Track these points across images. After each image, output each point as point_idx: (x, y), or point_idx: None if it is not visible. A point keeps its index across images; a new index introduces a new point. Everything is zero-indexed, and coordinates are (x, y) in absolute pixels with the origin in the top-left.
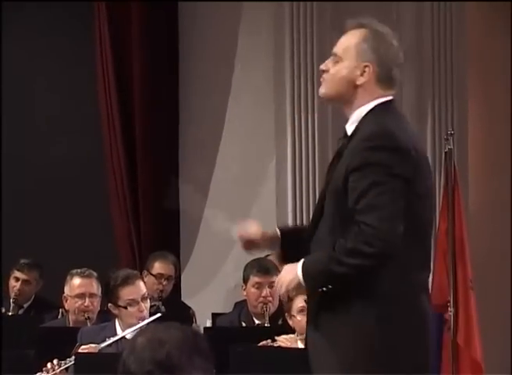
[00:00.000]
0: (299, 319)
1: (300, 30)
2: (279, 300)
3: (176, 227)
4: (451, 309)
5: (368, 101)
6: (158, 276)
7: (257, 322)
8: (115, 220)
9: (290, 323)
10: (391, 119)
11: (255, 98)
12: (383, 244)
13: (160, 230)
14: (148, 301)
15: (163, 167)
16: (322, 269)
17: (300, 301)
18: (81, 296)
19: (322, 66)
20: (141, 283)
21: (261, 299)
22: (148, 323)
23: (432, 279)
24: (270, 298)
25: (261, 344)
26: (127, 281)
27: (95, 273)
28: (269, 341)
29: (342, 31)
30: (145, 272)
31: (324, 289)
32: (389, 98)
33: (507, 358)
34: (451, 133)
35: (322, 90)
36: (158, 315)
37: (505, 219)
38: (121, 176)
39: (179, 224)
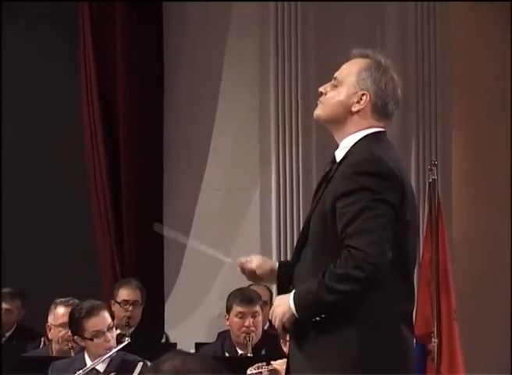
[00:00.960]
0: None
1: (285, 61)
2: (263, 330)
3: (160, 256)
4: (435, 340)
5: (361, 129)
6: (123, 303)
7: (240, 352)
8: (99, 247)
9: (285, 349)
10: (381, 147)
11: (240, 128)
12: (373, 268)
13: (144, 257)
14: (114, 330)
15: (147, 199)
16: (314, 298)
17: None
18: (65, 325)
19: (321, 89)
20: (106, 314)
21: (244, 329)
22: (117, 351)
23: (416, 309)
24: (253, 328)
25: (255, 366)
26: (92, 312)
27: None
28: (264, 363)
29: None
30: (112, 301)
31: (317, 319)
32: (382, 129)
33: None
34: (435, 164)
35: (318, 111)
36: (126, 342)
37: (489, 249)
38: (104, 201)
39: (163, 253)
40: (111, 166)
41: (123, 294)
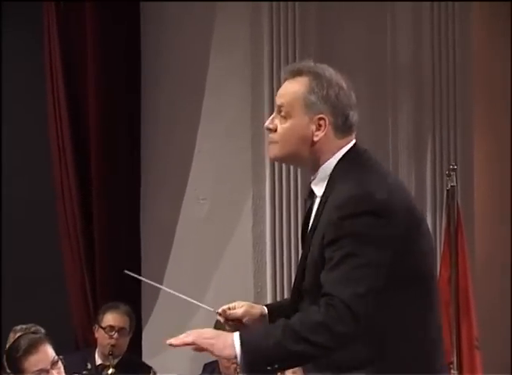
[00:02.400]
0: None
1: (281, 51)
2: None
3: (137, 273)
4: (454, 372)
5: (330, 156)
6: (109, 329)
7: None
8: (66, 270)
9: None
10: (364, 172)
11: (229, 127)
12: (356, 324)
13: (118, 280)
14: (60, 364)
15: (121, 211)
16: (273, 344)
17: None
18: None
19: (268, 125)
20: (47, 348)
21: (234, 364)
22: None
23: None
24: None
25: None
26: (29, 350)
27: (43, 330)
28: None
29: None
30: (96, 326)
31: (269, 368)
32: (352, 143)
33: None
34: (454, 168)
35: (274, 152)
36: None
37: None
38: (74, 222)
39: (141, 274)
40: (80, 170)
41: (109, 318)
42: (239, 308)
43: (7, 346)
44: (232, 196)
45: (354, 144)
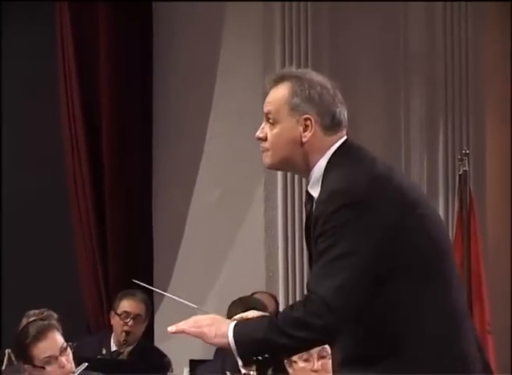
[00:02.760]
0: (300, 367)
1: (293, 35)
2: None
3: (149, 261)
4: None
5: (321, 156)
6: (124, 315)
7: (243, 371)
8: (79, 258)
9: (290, 371)
10: (349, 165)
11: (240, 112)
12: (333, 317)
13: (130, 267)
14: (69, 351)
15: (134, 197)
16: (261, 337)
17: None
18: None
19: (259, 134)
20: (55, 335)
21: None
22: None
23: None
24: None
25: None
26: (38, 337)
27: (55, 315)
28: None
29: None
30: (112, 313)
31: (260, 358)
32: (342, 140)
33: None
34: (466, 153)
35: (267, 160)
36: (84, 365)
37: None
38: (86, 209)
39: (153, 258)
40: (93, 161)
41: (125, 305)
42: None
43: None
44: (243, 182)
45: (345, 141)
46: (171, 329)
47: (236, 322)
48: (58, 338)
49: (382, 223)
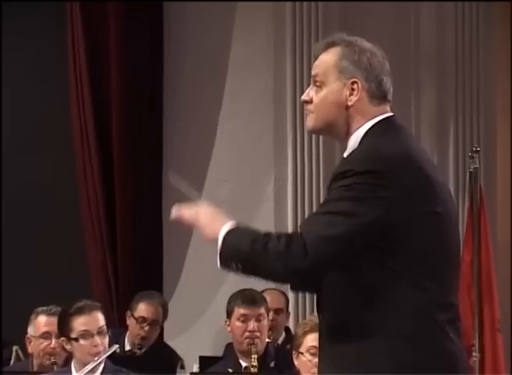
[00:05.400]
0: (307, 359)
1: (304, 30)
2: (276, 344)
3: (159, 258)
4: (476, 354)
5: (364, 122)
6: (141, 320)
7: (244, 365)
8: (89, 252)
9: (296, 363)
10: (388, 139)
11: (251, 108)
12: (310, 263)
13: (140, 263)
14: (107, 338)
15: (144, 191)
16: (245, 250)
17: (312, 340)
18: (47, 336)
19: (304, 97)
20: (99, 316)
21: (247, 334)
22: (105, 358)
23: None
24: (257, 333)
25: None
26: (82, 310)
27: None
28: None
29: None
30: (128, 313)
31: (233, 264)
32: (388, 114)
33: None
34: (477, 150)
35: (310, 123)
36: (115, 347)
37: None
38: (96, 208)
39: (162, 255)
40: (103, 159)
41: (142, 309)
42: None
43: (28, 328)
44: (254, 177)
45: (391, 116)
46: (173, 216)
47: (232, 225)
48: (99, 318)
49: (395, 204)
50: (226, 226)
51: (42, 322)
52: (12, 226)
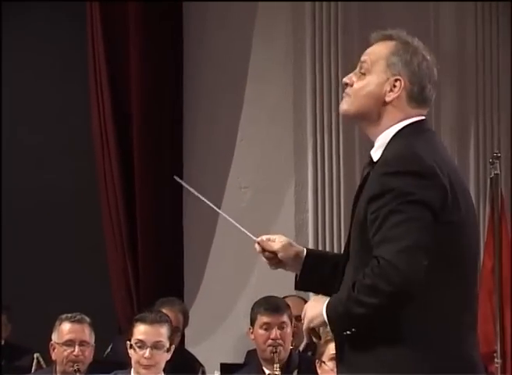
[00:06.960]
0: (330, 368)
1: (323, 37)
2: (298, 351)
3: (180, 262)
4: (498, 360)
5: (397, 122)
6: None
7: (267, 372)
8: (109, 258)
9: (319, 371)
10: (421, 140)
11: (271, 114)
12: (402, 280)
13: (161, 269)
14: (165, 355)
15: (165, 198)
16: (342, 311)
17: (334, 348)
18: (71, 343)
19: (346, 79)
20: (161, 329)
21: (270, 342)
22: None
23: None
24: (280, 341)
25: None
26: (145, 319)
27: (88, 319)
28: None
29: (370, 39)
30: None
31: (348, 332)
32: (421, 117)
33: None
34: (497, 156)
35: (345, 106)
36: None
37: None
38: (117, 210)
39: (183, 261)
40: (123, 164)
41: None
42: (278, 242)
43: (52, 335)
44: (274, 184)
45: (423, 120)
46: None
47: (328, 301)
48: (160, 332)
49: (438, 199)
50: (325, 305)
51: (66, 329)
52: (37, 232)
